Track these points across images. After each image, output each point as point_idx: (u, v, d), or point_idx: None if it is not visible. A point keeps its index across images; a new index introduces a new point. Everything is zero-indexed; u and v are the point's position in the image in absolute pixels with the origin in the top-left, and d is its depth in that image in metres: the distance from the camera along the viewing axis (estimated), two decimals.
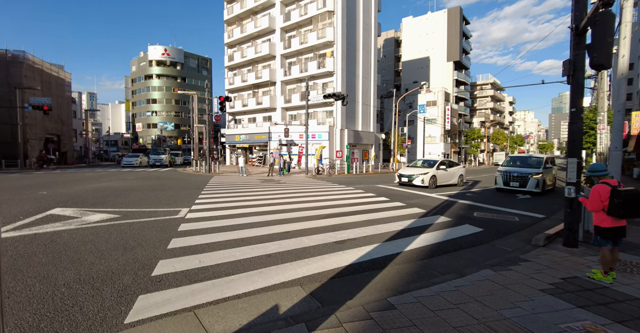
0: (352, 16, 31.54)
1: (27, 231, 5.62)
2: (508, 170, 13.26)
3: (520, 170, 13.05)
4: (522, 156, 15.11)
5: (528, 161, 13.98)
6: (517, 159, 14.72)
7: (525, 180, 12.62)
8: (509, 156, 15.37)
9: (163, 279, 3.63)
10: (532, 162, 13.73)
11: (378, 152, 35.79)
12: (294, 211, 8.00)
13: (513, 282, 3.67)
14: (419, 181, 14.08)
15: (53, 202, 8.81)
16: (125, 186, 13.30)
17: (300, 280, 3.69)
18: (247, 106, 36.74)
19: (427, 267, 4.25)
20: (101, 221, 6.52)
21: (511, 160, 14.68)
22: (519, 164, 13.94)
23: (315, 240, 5.30)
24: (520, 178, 12.77)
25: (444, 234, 5.99)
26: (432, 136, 47.75)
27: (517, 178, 12.87)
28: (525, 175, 12.69)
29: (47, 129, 33.57)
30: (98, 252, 4.54)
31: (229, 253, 4.57)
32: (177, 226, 6.14)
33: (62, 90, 37.46)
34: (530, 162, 13.77)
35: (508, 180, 13.08)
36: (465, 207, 9.27)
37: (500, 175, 13.42)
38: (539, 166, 13.20)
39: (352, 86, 31.83)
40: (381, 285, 3.61)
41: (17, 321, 2.70)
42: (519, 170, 13.15)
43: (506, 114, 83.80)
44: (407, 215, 7.67)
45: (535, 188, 12.38)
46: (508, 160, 14.74)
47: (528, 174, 12.64)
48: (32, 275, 3.68)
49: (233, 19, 38.82)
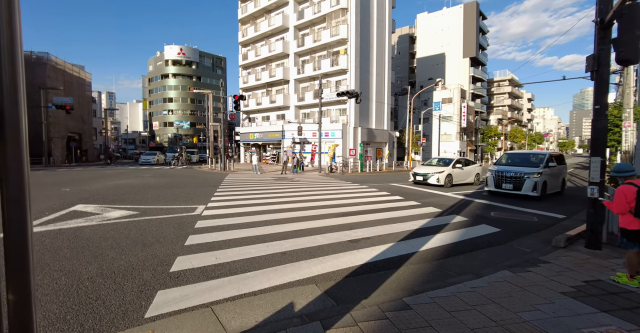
0: (365, 13, 31.27)
1: (52, 226, 5.85)
2: (501, 170, 11.24)
3: (515, 170, 11.01)
4: (520, 153, 13.02)
5: (527, 159, 11.89)
6: (514, 156, 12.59)
7: (520, 181, 10.64)
8: (505, 153, 13.29)
9: (181, 275, 3.71)
10: (531, 160, 11.67)
11: (392, 150, 35.48)
12: (307, 209, 8.03)
13: (532, 283, 3.59)
14: (434, 180, 13.89)
15: (75, 198, 9.11)
16: (144, 183, 13.64)
17: (315, 279, 3.71)
18: (261, 104, 37.01)
19: (442, 267, 4.20)
20: (121, 217, 6.71)
21: (508, 157, 12.55)
22: (517, 162, 11.88)
23: (330, 239, 5.31)
24: (515, 179, 10.78)
25: (460, 234, 5.90)
26: (448, 134, 46.97)
27: (510, 180, 10.87)
28: (521, 175, 10.68)
29: (69, 127, 34.70)
30: (119, 248, 4.68)
31: (244, 250, 4.64)
32: (194, 223, 6.26)
33: (83, 90, 38.62)
34: (530, 160, 11.73)
35: (500, 182, 11.14)
36: (482, 206, 9.10)
37: (492, 176, 11.46)
38: (539, 164, 11.09)
39: (366, 84, 31.60)
40: (396, 284, 3.59)
41: (45, 313, 2.81)
42: (513, 169, 11.09)
43: (524, 111, 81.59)
44: (422, 215, 7.59)
45: (532, 191, 10.38)
46: (504, 158, 12.66)
47: (524, 174, 10.63)
48: (58, 269, 3.83)
49: (247, 18, 39.08)
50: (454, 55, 53.77)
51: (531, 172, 10.68)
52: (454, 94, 46.89)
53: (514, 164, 11.84)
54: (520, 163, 11.71)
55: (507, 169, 11.20)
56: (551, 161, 11.43)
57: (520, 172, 10.79)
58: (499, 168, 11.49)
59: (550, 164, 11.27)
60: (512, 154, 12.91)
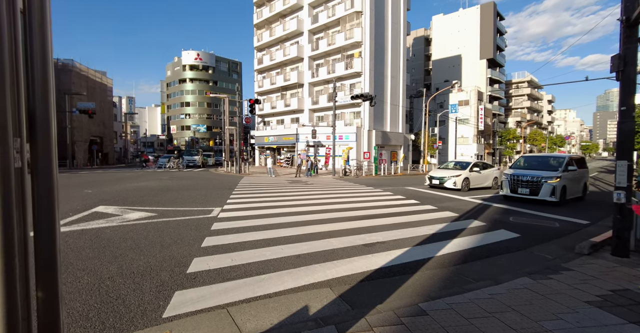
0: (380, 16, 31.22)
1: (75, 227, 6.05)
2: (517, 174, 10.75)
3: (532, 173, 10.48)
4: (538, 156, 12.47)
5: (545, 162, 11.38)
6: (531, 159, 12.05)
7: (537, 186, 10.13)
8: (521, 156, 12.67)
9: (198, 276, 3.77)
10: (549, 163, 11.18)
11: (407, 153, 35.12)
12: (322, 212, 8.03)
13: (554, 291, 3.47)
14: (450, 183, 13.65)
15: (97, 200, 9.41)
16: (162, 186, 13.96)
17: (329, 282, 3.69)
18: (275, 108, 37.39)
19: (460, 273, 4.12)
20: (140, 219, 6.88)
21: (525, 160, 11.98)
22: (534, 166, 11.38)
23: (344, 242, 5.29)
24: (531, 183, 10.26)
25: (477, 239, 5.77)
26: (465, 137, 46.14)
27: (527, 184, 10.36)
28: (538, 179, 10.17)
29: (91, 131, 35.97)
30: (138, 249, 4.80)
31: (259, 252, 4.67)
32: (210, 225, 6.36)
33: (104, 95, 40.02)
34: (548, 163, 11.21)
35: (516, 186, 10.62)
36: (501, 211, 8.88)
37: (507, 180, 10.95)
38: (557, 168, 10.57)
39: (381, 86, 31.48)
40: (412, 290, 3.54)
41: (69, 310, 2.91)
42: (530, 173, 10.55)
43: (544, 113, 79.34)
44: (438, 219, 7.46)
45: (551, 196, 9.86)
46: (520, 161, 12.08)
47: (541, 178, 10.11)
48: (81, 268, 3.95)
49: (262, 23, 39.66)
50: (471, 56, 52.95)
51: (549, 176, 10.15)
52: (471, 96, 46.09)
53: (531, 167, 11.34)
54: (538, 166, 11.20)
55: (523, 173, 10.69)
56: (571, 164, 10.87)
57: (537, 176, 10.27)
58: (514, 172, 11.00)
59: (570, 167, 10.69)
60: (529, 157, 12.42)
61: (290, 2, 35.09)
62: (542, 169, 10.81)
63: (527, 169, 11.17)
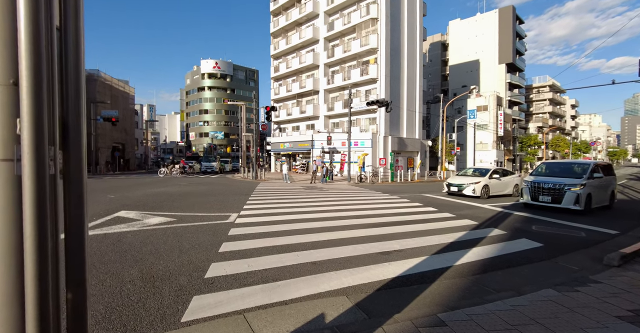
0: (396, 22, 31.24)
1: (99, 231, 6.26)
2: (538, 181, 10.38)
3: (554, 181, 10.09)
4: (560, 162, 12.17)
5: (568, 169, 10.96)
6: (553, 165, 11.72)
7: (559, 193, 9.72)
8: (542, 162, 12.36)
9: (215, 281, 3.81)
10: (573, 170, 10.74)
11: (424, 160, 34.65)
12: (337, 219, 8.00)
13: (581, 305, 3.31)
14: (469, 191, 13.35)
15: (119, 205, 9.71)
16: (180, 191, 14.27)
17: (345, 290, 3.66)
18: (291, 115, 37.77)
19: (480, 282, 4.00)
20: (160, 224, 7.05)
21: (546, 167, 11.65)
22: (556, 173, 10.97)
23: (360, 250, 5.24)
24: (554, 191, 9.86)
25: (498, 248, 5.60)
26: (484, 143, 45.17)
27: (549, 191, 9.97)
28: (560, 187, 9.77)
29: (114, 138, 37.31)
30: (157, 253, 4.90)
31: (275, 258, 4.69)
32: (228, 230, 6.44)
33: (127, 103, 41.53)
34: (571, 170, 10.78)
35: (537, 194, 10.24)
36: (522, 219, 8.60)
37: (527, 187, 10.59)
38: (581, 175, 10.14)
39: (397, 92, 31.34)
40: (430, 299, 3.46)
41: (93, 312, 3.00)
42: (552, 180, 10.18)
43: (568, 118, 76.78)
44: (457, 227, 7.30)
45: (575, 204, 9.43)
46: (542, 167, 11.72)
47: (564, 186, 9.71)
48: (104, 271, 4.07)
49: (279, 32, 40.38)
50: (489, 61, 52.09)
51: (573, 183, 9.74)
52: (490, 101, 45.21)
53: (553, 174, 10.93)
54: (560, 173, 10.79)
55: (544, 180, 10.33)
56: (596, 171, 10.41)
57: (559, 184, 9.88)
58: (535, 179, 10.63)
59: (596, 174, 10.24)
60: (551, 163, 12.01)
61: (306, 10, 35.63)
62: (565, 176, 10.41)
63: (549, 176, 10.79)
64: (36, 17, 1.01)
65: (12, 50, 1.00)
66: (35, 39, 1.01)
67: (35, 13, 1.01)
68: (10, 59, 1.00)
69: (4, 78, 1.00)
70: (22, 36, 1.00)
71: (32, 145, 1.01)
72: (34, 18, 1.00)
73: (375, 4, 29.82)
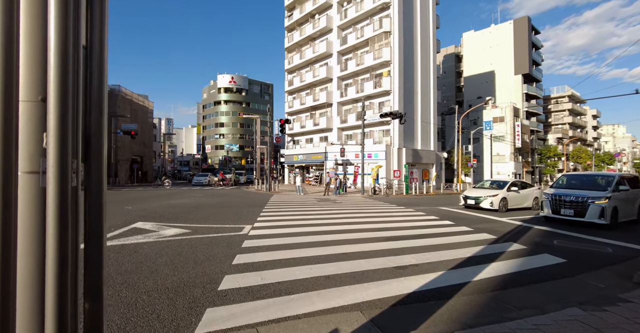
0: (409, 35, 31.49)
1: (116, 242, 6.38)
2: (559, 193, 9.97)
3: (576, 193, 9.66)
4: (582, 174, 11.73)
5: (591, 181, 10.52)
6: (575, 177, 11.36)
7: (582, 206, 9.27)
8: (563, 174, 11.92)
9: (228, 294, 3.81)
10: (596, 182, 10.26)
11: (440, 172, 34.11)
12: (351, 232, 7.91)
13: (610, 326, 3.13)
14: (487, 204, 13.00)
15: (136, 216, 9.91)
16: (196, 203, 14.47)
17: (359, 305, 3.58)
18: (304, 127, 38.12)
19: (499, 299, 3.84)
20: (175, 235, 7.14)
21: (567, 179, 11.22)
22: (578, 185, 10.57)
23: (375, 264, 5.14)
24: (576, 204, 9.43)
25: (518, 264, 5.39)
26: (501, 154, 44.23)
27: (570, 204, 9.55)
28: (583, 200, 9.32)
29: (133, 151, 38.42)
30: (172, 264, 4.95)
31: (288, 271, 4.65)
32: (241, 242, 6.46)
33: (146, 117, 42.92)
34: (595, 182, 10.30)
35: (558, 207, 9.80)
36: (543, 233, 8.29)
37: (548, 200, 10.15)
38: (606, 188, 9.65)
39: (411, 104, 31.28)
40: (447, 316, 3.34)
41: (109, 323, 3.03)
42: (574, 193, 9.73)
43: (589, 129, 74.56)
44: (474, 241, 7.09)
45: (600, 218, 8.94)
46: (562, 179, 11.32)
47: (587, 199, 9.25)
48: (120, 282, 4.13)
49: (293, 46, 41.30)
50: (505, 72, 51.56)
51: (597, 196, 9.26)
52: (506, 113, 44.50)
53: (575, 186, 10.53)
54: (582, 186, 10.38)
55: (566, 193, 9.92)
56: (622, 184, 9.93)
57: (582, 196, 9.43)
58: (556, 191, 10.24)
59: (621, 187, 9.78)
60: (572, 175, 11.60)
61: (320, 25, 36.41)
62: (587, 189, 9.99)
63: (570, 189, 10.39)
64: (64, 38, 1.07)
65: (42, 69, 1.06)
66: (63, 59, 1.07)
67: (64, 34, 1.07)
68: (39, 77, 1.06)
69: (34, 95, 1.06)
70: (52, 56, 1.06)
71: (57, 158, 1.06)
72: (62, 39, 1.07)
73: (388, 18, 30.22)
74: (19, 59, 1.04)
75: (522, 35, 50.28)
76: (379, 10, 31.63)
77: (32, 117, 1.06)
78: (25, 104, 1.05)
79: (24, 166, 1.06)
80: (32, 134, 1.06)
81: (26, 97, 1.05)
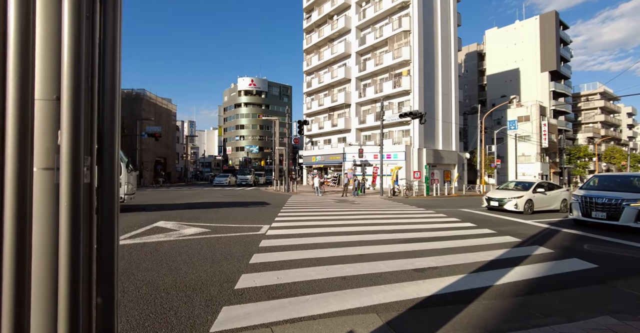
0: (429, 33, 30.92)
1: (138, 240, 6.58)
2: (590, 195, 9.42)
3: (608, 195, 9.07)
4: (615, 175, 11.09)
5: (625, 182, 9.82)
6: (607, 178, 10.74)
7: (616, 209, 8.68)
8: (595, 175, 11.29)
9: (244, 293, 3.83)
10: (632, 184, 9.62)
11: (462, 173, 33.26)
12: (369, 233, 7.82)
13: None
14: (511, 206, 12.54)
15: (158, 215, 10.20)
16: (216, 203, 14.75)
17: (376, 307, 3.52)
18: (323, 128, 38.16)
19: (523, 305, 3.67)
20: (195, 234, 7.29)
21: (599, 180, 10.64)
22: (610, 186, 9.95)
23: (392, 266, 5.05)
24: (609, 206, 8.85)
25: (544, 268, 5.14)
26: (526, 155, 42.61)
27: (603, 207, 8.98)
28: (618, 202, 8.72)
29: (157, 153, 39.66)
30: (191, 263, 5.04)
31: (304, 272, 4.64)
32: (259, 242, 6.51)
33: (169, 120, 44.23)
34: (630, 184, 9.65)
35: (589, 209, 9.24)
36: (572, 237, 7.89)
37: (577, 202, 9.57)
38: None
39: (431, 104, 30.69)
40: (467, 321, 3.22)
41: (128, 318, 3.11)
42: (607, 194, 9.17)
43: (623, 128, 70.63)
44: (497, 244, 6.84)
45: (636, 222, 8.39)
46: (593, 181, 10.76)
47: (621, 201, 8.67)
48: (141, 279, 4.25)
49: (311, 48, 41.47)
50: (530, 69, 49.67)
51: (633, 198, 8.70)
52: (532, 111, 42.85)
53: (607, 188, 9.95)
54: (615, 187, 9.78)
55: (598, 194, 9.38)
56: None
57: (616, 198, 8.88)
58: (586, 193, 9.68)
59: None
60: (604, 176, 10.95)
61: (338, 26, 36.38)
62: (622, 190, 9.37)
63: (602, 190, 9.81)
64: (78, 39, 1.10)
65: (56, 69, 1.09)
66: (76, 59, 1.10)
67: (77, 35, 1.09)
68: (54, 76, 1.09)
69: (49, 93, 1.09)
70: (65, 56, 1.09)
71: (70, 155, 1.09)
72: (76, 40, 1.09)
73: (407, 17, 29.81)
74: (34, 58, 1.08)
75: (549, 31, 48.28)
76: (398, 9, 31.26)
77: (47, 114, 1.09)
78: (40, 102, 1.08)
79: (40, 162, 1.08)
80: (47, 131, 1.09)
81: (42, 96, 1.08)
